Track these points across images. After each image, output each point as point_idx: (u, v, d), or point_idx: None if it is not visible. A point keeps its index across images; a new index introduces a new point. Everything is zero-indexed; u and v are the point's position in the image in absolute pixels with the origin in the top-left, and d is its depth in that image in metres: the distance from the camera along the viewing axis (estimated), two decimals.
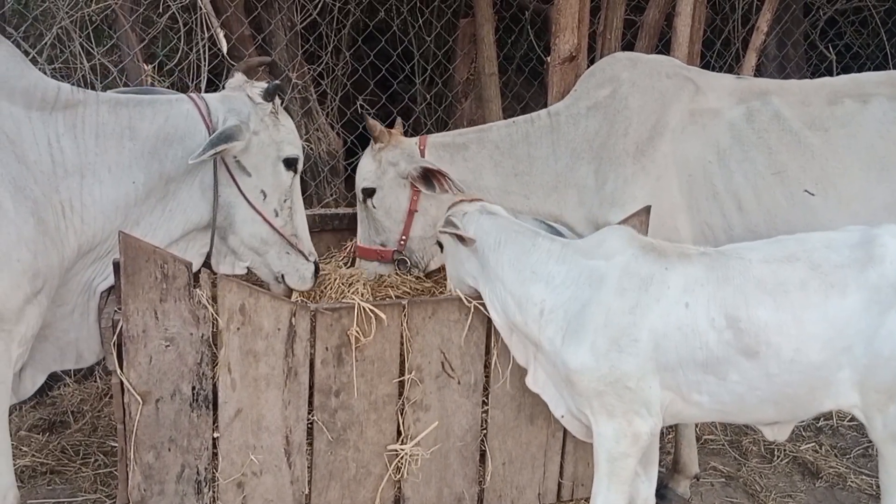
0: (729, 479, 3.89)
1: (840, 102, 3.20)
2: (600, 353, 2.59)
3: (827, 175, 3.10)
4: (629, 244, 2.71)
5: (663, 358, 2.58)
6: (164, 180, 2.84)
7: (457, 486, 3.07)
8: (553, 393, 2.88)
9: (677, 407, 2.67)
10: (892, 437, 2.50)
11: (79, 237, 2.68)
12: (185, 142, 2.85)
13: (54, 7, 4.08)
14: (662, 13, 4.42)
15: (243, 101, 3.00)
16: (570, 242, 2.84)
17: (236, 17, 4.39)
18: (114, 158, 2.73)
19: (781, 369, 2.51)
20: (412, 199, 3.42)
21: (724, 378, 2.56)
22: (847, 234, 2.61)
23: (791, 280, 2.52)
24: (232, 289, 2.69)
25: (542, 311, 2.71)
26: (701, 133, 3.25)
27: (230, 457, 2.81)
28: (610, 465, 2.67)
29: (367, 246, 3.50)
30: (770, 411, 2.63)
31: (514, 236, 2.84)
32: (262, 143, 3.00)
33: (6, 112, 2.55)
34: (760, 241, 2.74)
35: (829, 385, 2.53)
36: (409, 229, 3.45)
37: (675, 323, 2.57)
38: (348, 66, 5.09)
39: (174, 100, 2.93)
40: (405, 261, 3.46)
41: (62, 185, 2.63)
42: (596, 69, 3.50)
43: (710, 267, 2.62)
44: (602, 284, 2.65)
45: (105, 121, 2.73)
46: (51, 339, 2.81)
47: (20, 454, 3.68)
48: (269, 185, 3.04)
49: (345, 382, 2.87)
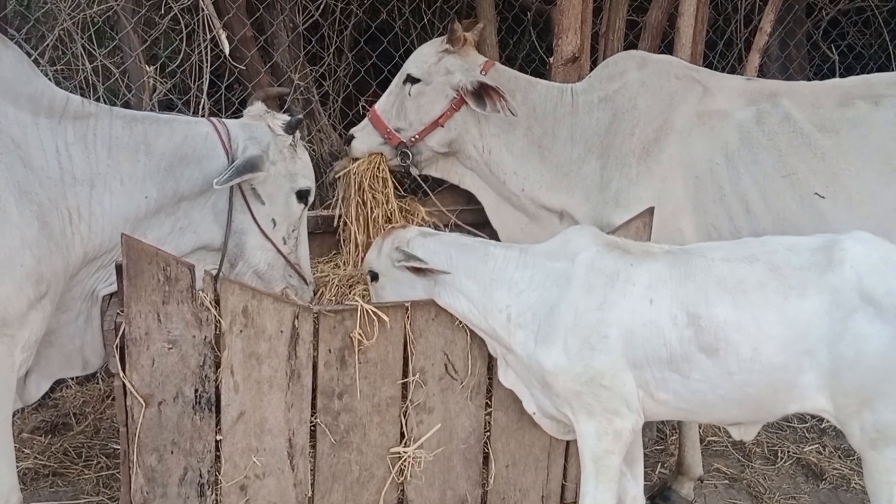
0: (733, 480, 3.89)
1: (851, 104, 3.18)
2: (573, 352, 2.60)
3: (837, 178, 3.08)
4: (594, 242, 2.73)
5: (632, 354, 2.59)
6: (176, 198, 2.86)
7: (460, 488, 3.07)
8: (523, 390, 2.90)
9: (646, 405, 2.67)
10: (871, 443, 2.48)
11: (85, 244, 2.68)
12: (202, 163, 2.88)
13: (56, 9, 4.07)
14: (665, 14, 4.41)
15: (264, 131, 3.04)
16: (530, 247, 2.85)
17: (238, 18, 4.38)
18: (127, 171, 2.74)
19: (741, 368, 2.51)
20: (446, 112, 3.44)
21: (686, 376, 2.57)
22: (811, 239, 2.62)
23: (750, 280, 2.53)
24: (235, 291, 2.69)
25: (508, 316, 2.72)
26: (709, 135, 3.24)
27: (233, 459, 2.80)
28: (595, 464, 2.69)
29: (382, 119, 3.50)
30: (734, 411, 2.63)
31: (464, 249, 2.85)
32: (278, 173, 3.04)
33: (12, 117, 2.54)
34: (726, 242, 2.77)
35: (792, 387, 2.52)
36: (427, 136, 3.47)
37: (640, 319, 2.58)
38: (350, 67, 5.08)
39: (193, 121, 2.97)
40: (408, 154, 3.48)
41: (70, 191, 2.63)
42: (609, 62, 3.51)
43: (672, 264, 2.63)
44: (569, 284, 2.65)
45: (119, 134, 2.75)
46: (56, 346, 2.81)
47: (22, 456, 3.68)
48: (280, 214, 3.08)
49: (348, 385, 2.86)
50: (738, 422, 2.72)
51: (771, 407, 2.60)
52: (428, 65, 3.45)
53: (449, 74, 3.42)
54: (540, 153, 3.44)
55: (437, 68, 3.43)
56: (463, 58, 3.45)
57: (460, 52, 3.45)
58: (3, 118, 2.51)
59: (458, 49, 3.44)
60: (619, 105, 3.35)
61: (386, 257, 2.92)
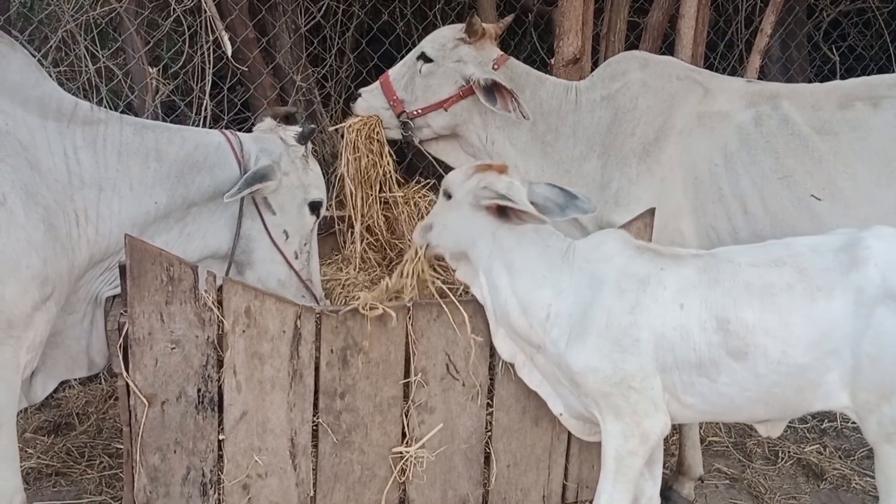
0: (733, 480, 3.89)
1: (851, 106, 3.18)
2: (604, 354, 2.61)
3: (834, 180, 3.09)
4: (625, 246, 2.73)
5: (661, 358, 2.60)
6: (186, 204, 2.87)
7: (461, 488, 3.08)
8: (549, 391, 2.89)
9: (672, 408, 2.68)
10: (887, 436, 2.51)
11: (91, 246, 2.68)
12: (214, 171, 2.89)
13: (59, 10, 4.09)
14: (666, 15, 4.42)
15: (275, 143, 3.06)
16: (573, 243, 2.83)
17: (240, 19, 4.40)
18: (137, 176, 2.75)
19: (769, 370, 2.53)
20: (452, 97, 3.46)
21: (714, 380, 2.58)
22: (833, 238, 2.63)
23: (778, 283, 2.55)
24: (237, 291, 2.70)
25: (548, 315, 2.71)
26: (708, 136, 3.25)
27: (235, 459, 2.81)
28: (617, 463, 2.68)
29: (392, 85, 3.52)
30: (760, 411, 2.65)
31: (533, 235, 2.78)
32: (291, 184, 3.05)
33: (20, 119, 2.55)
34: (750, 246, 2.77)
35: (817, 386, 2.54)
36: (429, 115, 3.49)
37: (671, 324, 2.59)
38: (352, 68, 5.10)
39: (205, 132, 2.99)
40: (409, 125, 3.50)
41: (77, 194, 2.64)
42: (612, 62, 3.52)
43: (701, 269, 2.64)
44: (602, 287, 2.66)
45: (129, 141, 2.75)
46: (62, 347, 2.82)
47: (25, 456, 3.69)
48: (292, 225, 3.08)
49: (350, 385, 2.87)
50: (765, 419, 2.73)
51: (796, 406, 2.62)
52: (443, 48, 3.47)
53: (462, 63, 3.44)
54: (542, 149, 3.46)
55: (451, 54, 3.46)
56: (478, 50, 3.47)
57: (476, 45, 3.47)
58: (11, 121, 2.52)
59: (475, 41, 3.46)
60: (620, 104, 3.36)
61: (469, 191, 2.78)
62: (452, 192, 2.85)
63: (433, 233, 2.89)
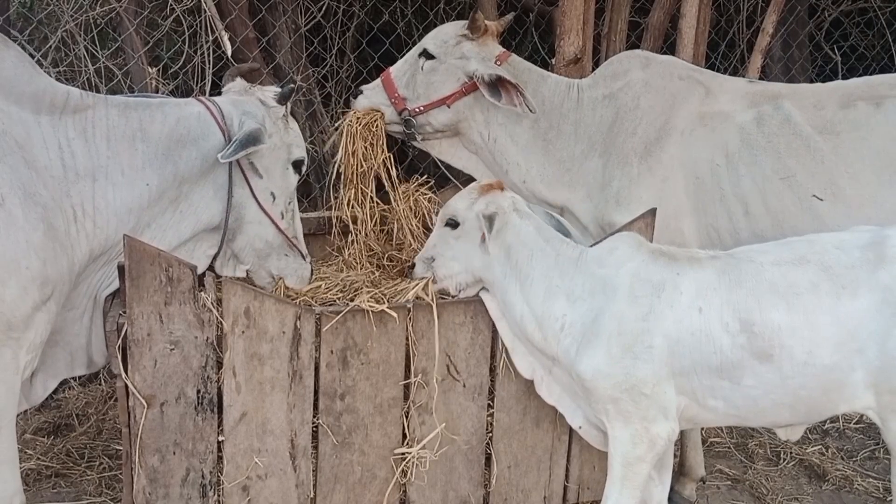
0: (735, 482, 3.88)
1: (853, 105, 3.17)
2: (615, 360, 2.59)
3: (835, 180, 3.08)
4: (638, 251, 2.71)
5: (678, 363, 2.57)
6: (177, 181, 2.83)
7: (462, 489, 3.07)
8: (569, 404, 2.88)
9: (692, 412, 2.66)
10: None
11: (90, 241, 2.67)
12: (199, 143, 2.85)
13: (59, 10, 4.08)
14: (667, 15, 4.41)
15: (256, 105, 3.02)
16: (585, 250, 2.82)
17: (240, 19, 4.39)
18: (127, 161, 2.72)
19: (795, 371, 2.50)
20: (454, 94, 3.45)
21: (738, 382, 2.55)
22: (857, 235, 2.60)
23: (802, 282, 2.52)
24: (237, 292, 2.69)
25: (562, 325, 2.70)
26: (710, 136, 3.24)
27: (235, 460, 2.81)
28: (624, 469, 2.66)
29: (394, 82, 3.51)
30: (785, 414, 2.62)
31: (544, 246, 2.79)
32: (274, 145, 3.03)
33: (15, 117, 2.53)
34: (770, 244, 2.73)
35: (843, 387, 2.51)
36: (430, 112, 3.48)
37: (688, 328, 2.56)
38: (353, 68, 5.09)
39: (183, 102, 2.93)
40: (412, 122, 3.49)
41: (73, 189, 2.61)
42: (614, 60, 3.51)
43: (721, 271, 2.61)
44: (615, 293, 2.64)
45: (115, 124, 2.72)
46: (61, 345, 2.81)
47: (25, 457, 3.68)
48: (278, 187, 3.06)
49: (350, 386, 2.86)
50: (788, 424, 2.72)
51: (822, 408, 2.60)
52: (445, 45, 3.46)
53: (464, 60, 3.43)
54: (544, 146, 3.45)
55: (453, 50, 3.45)
56: (480, 46, 3.46)
57: (478, 41, 3.46)
58: (6, 119, 2.51)
59: (477, 37, 3.46)
60: (622, 103, 3.35)
61: (476, 215, 2.82)
62: (460, 220, 2.86)
63: (438, 264, 2.90)
